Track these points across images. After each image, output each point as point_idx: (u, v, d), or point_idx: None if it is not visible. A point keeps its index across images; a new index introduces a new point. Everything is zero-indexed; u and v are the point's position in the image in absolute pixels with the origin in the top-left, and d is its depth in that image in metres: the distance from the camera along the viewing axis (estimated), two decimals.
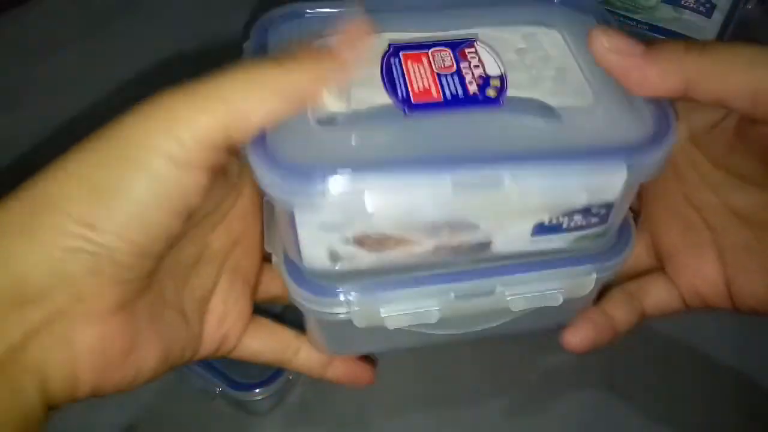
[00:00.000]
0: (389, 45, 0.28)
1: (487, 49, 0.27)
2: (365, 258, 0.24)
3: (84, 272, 0.21)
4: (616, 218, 0.26)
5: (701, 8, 0.46)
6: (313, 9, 0.28)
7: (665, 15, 0.46)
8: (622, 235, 0.28)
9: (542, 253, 0.26)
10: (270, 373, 0.37)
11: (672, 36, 0.45)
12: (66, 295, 0.21)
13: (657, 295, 0.30)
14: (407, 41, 0.28)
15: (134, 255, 0.22)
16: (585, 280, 0.27)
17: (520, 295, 0.27)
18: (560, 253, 0.26)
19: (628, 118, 0.24)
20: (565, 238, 0.26)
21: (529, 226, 0.25)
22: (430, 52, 0.27)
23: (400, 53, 0.27)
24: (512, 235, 0.25)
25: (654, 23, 0.45)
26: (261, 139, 0.22)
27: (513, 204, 0.23)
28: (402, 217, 0.23)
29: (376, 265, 0.25)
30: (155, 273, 0.24)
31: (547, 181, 0.22)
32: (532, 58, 0.28)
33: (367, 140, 0.23)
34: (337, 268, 0.25)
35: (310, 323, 0.29)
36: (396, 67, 0.27)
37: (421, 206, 0.23)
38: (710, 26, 0.45)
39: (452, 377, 0.43)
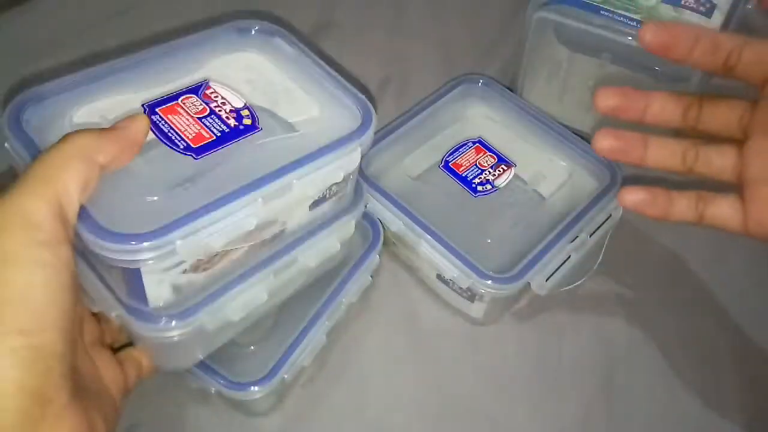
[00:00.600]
0: (143, 106, 0.32)
1: (223, 86, 0.34)
2: (200, 278, 0.31)
3: (40, 377, 0.24)
4: (354, 179, 0.37)
5: (701, 8, 0.46)
6: (52, 91, 0.32)
7: (665, 15, 0.46)
8: (358, 191, 0.39)
9: (314, 221, 0.36)
10: (265, 372, 0.37)
11: None
12: (35, 404, 0.23)
13: (720, 209, 0.33)
14: (155, 98, 0.33)
15: (64, 340, 0.24)
16: (348, 225, 0.38)
17: (312, 253, 0.36)
18: (324, 218, 0.36)
19: (347, 116, 0.34)
20: (328, 203, 0.35)
21: (307, 205, 0.34)
22: (180, 101, 0.32)
23: (157, 110, 0.32)
24: (298, 217, 0.34)
25: None
26: (89, 216, 0.26)
27: (298, 196, 0.32)
28: (230, 237, 0.29)
29: (208, 279, 0.31)
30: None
31: (319, 173, 0.32)
32: (260, 86, 0.35)
33: (184, 194, 0.29)
34: (179, 296, 0.31)
35: (163, 348, 0.34)
36: (161, 122, 0.31)
37: (242, 223, 0.29)
38: (710, 26, 0.45)
39: (451, 377, 0.43)
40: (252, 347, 0.39)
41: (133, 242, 0.26)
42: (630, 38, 0.46)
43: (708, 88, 0.48)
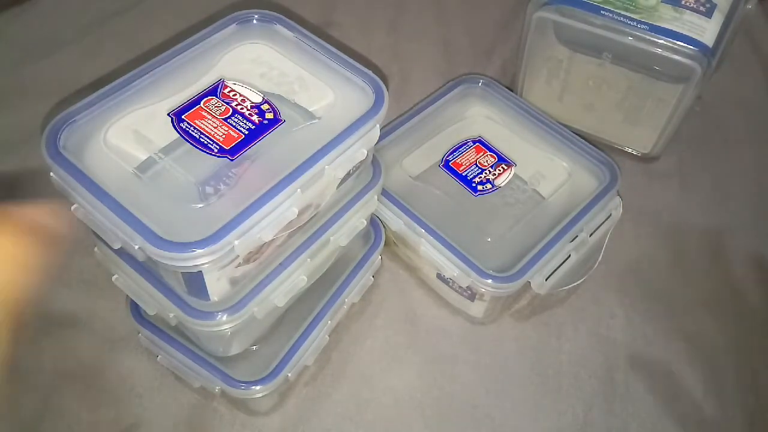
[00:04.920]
0: (169, 115, 0.33)
1: (238, 84, 0.35)
2: (252, 268, 0.33)
3: None
4: (371, 153, 0.38)
5: (701, 8, 0.46)
6: (80, 112, 0.33)
7: (665, 15, 0.46)
8: (375, 164, 0.40)
9: (341, 197, 0.38)
10: (268, 371, 0.37)
11: (672, 36, 0.45)
12: None
13: None
14: (178, 106, 0.33)
15: None
16: (371, 200, 0.40)
17: (342, 233, 0.38)
18: (349, 194, 0.38)
19: (359, 95, 0.35)
20: (351, 178, 0.37)
21: (336, 185, 0.35)
22: (202, 104, 0.33)
23: (184, 117, 0.33)
24: (329, 196, 0.36)
25: (654, 23, 0.45)
26: (149, 230, 0.28)
27: (330, 179, 0.33)
28: (277, 228, 0.31)
29: (258, 267, 0.33)
30: None
31: (346, 155, 0.33)
32: (274, 78, 0.36)
33: (228, 194, 0.30)
34: (235, 287, 0.33)
35: (218, 338, 0.36)
36: (191, 129, 0.32)
37: (286, 214, 0.31)
38: (710, 26, 0.45)
39: (451, 376, 0.43)
40: (255, 346, 0.39)
41: (196, 249, 0.28)
42: (630, 38, 0.46)
43: (710, 89, 0.48)
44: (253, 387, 0.37)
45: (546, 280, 0.41)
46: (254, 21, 0.38)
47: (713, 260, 0.49)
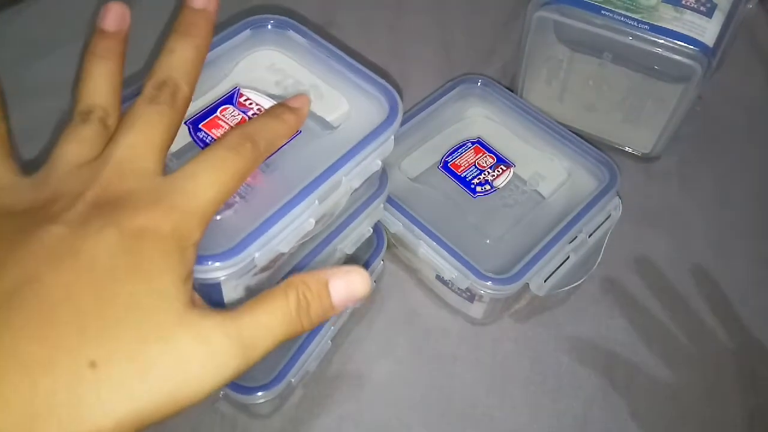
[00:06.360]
0: (186, 123, 0.33)
1: (254, 92, 0.34)
2: (266, 275, 0.33)
3: None
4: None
5: (702, 8, 0.46)
6: None
7: (665, 15, 0.46)
8: (382, 175, 0.40)
9: (352, 204, 0.38)
10: (272, 376, 0.37)
11: (672, 36, 0.45)
12: None
13: None
14: (195, 113, 0.33)
15: None
16: (378, 208, 0.40)
17: (348, 241, 0.39)
18: (357, 203, 0.38)
19: (373, 104, 0.34)
20: (365, 188, 0.37)
21: (350, 194, 0.35)
22: (218, 113, 0.33)
23: (200, 126, 0.33)
24: (342, 204, 0.35)
25: (654, 23, 0.45)
26: None
27: (345, 189, 0.33)
28: (295, 239, 0.31)
29: (271, 274, 0.34)
30: None
31: (362, 165, 0.33)
32: (289, 86, 0.35)
33: (244, 205, 0.30)
34: (250, 295, 0.32)
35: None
36: (208, 139, 0.32)
37: (304, 225, 0.31)
38: (711, 26, 0.45)
39: (451, 377, 0.43)
40: None
41: (216, 262, 0.28)
42: (630, 38, 0.46)
43: (710, 89, 0.48)
44: (258, 393, 0.37)
45: (545, 281, 0.41)
46: (269, 26, 0.37)
47: (714, 261, 0.49)
